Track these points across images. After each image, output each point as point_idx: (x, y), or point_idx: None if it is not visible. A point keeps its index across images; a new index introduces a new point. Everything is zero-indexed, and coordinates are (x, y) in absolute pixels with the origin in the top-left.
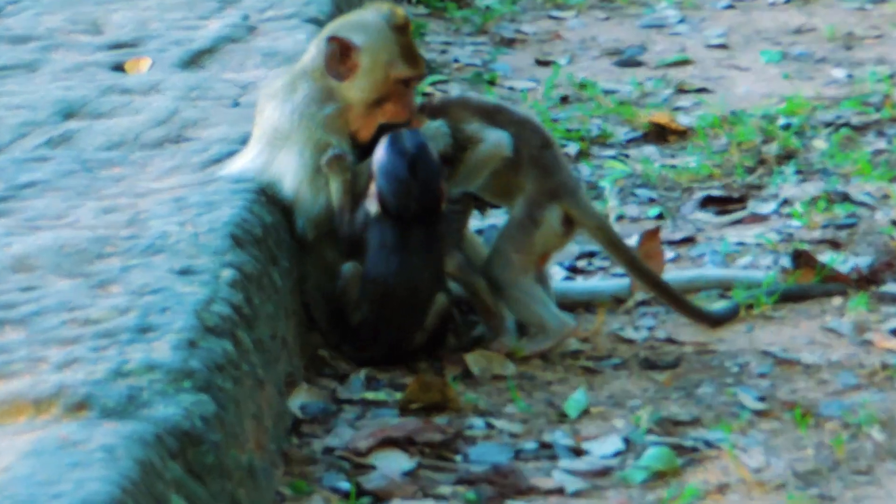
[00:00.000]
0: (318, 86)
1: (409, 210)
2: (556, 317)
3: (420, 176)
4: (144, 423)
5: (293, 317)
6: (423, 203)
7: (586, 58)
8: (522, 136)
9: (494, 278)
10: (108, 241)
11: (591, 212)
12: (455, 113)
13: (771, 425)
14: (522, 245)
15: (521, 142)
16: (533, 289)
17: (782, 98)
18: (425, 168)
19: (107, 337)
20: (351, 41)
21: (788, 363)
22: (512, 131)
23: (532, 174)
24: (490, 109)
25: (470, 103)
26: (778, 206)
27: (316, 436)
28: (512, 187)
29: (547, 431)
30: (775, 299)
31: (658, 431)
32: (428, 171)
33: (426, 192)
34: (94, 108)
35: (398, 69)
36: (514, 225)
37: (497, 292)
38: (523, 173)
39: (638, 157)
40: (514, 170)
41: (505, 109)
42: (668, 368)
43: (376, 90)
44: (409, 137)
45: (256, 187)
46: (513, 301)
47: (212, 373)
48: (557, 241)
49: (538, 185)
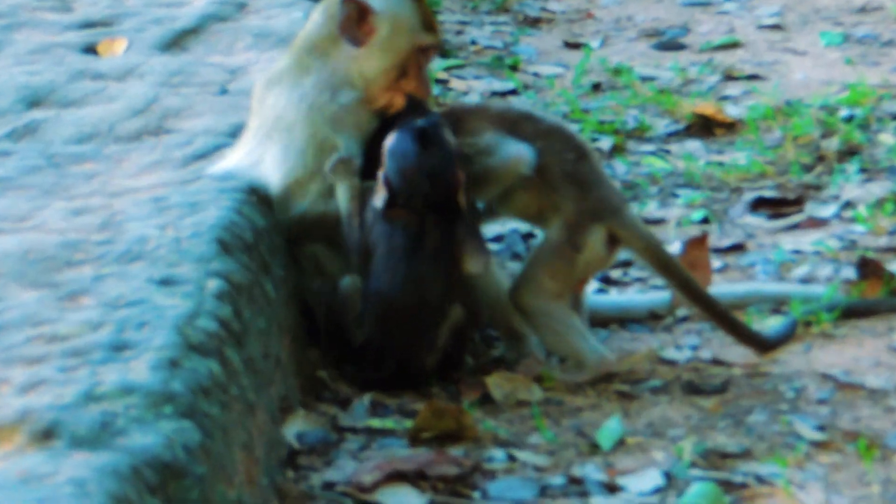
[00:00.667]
0: (330, 66)
1: (420, 197)
2: (594, 351)
3: (433, 158)
4: (119, 453)
5: (288, 333)
6: (436, 188)
7: (622, 40)
8: (553, 150)
9: (524, 306)
10: (79, 246)
11: (640, 230)
12: (470, 122)
13: (831, 458)
14: (559, 272)
15: (551, 156)
16: (568, 317)
17: (844, 86)
18: (439, 150)
19: (77, 356)
20: (368, 4)
21: (851, 388)
22: (540, 145)
23: (568, 192)
24: (512, 118)
25: (489, 111)
26: (839, 208)
27: (314, 468)
28: (545, 208)
29: (576, 465)
30: (836, 315)
31: (703, 465)
32: (441, 153)
33: (439, 176)
34: (62, 96)
35: (419, 36)
36: (551, 250)
37: (527, 320)
38: (558, 192)
39: (680, 152)
40: (546, 188)
41: (531, 118)
42: (715, 393)
43: (397, 59)
44: (422, 119)
45: (247, 186)
46: (545, 331)
47: (196, 396)
48: (600, 264)
49: (576, 204)
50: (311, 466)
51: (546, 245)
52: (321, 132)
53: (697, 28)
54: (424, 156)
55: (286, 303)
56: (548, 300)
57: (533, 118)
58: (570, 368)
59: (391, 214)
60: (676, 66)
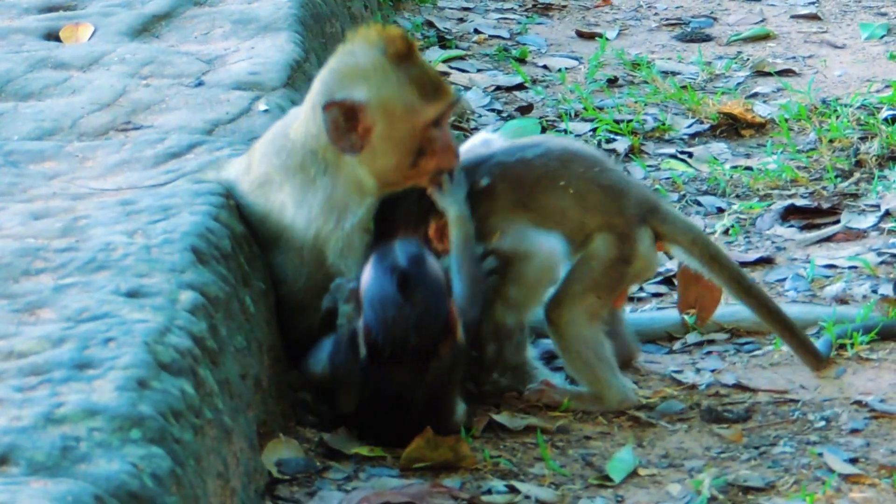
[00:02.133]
0: (335, 181)
1: (406, 351)
2: (619, 388)
3: (417, 306)
4: (82, 481)
5: (269, 351)
6: (425, 339)
7: (641, 30)
8: (577, 173)
9: (561, 326)
10: (38, 253)
11: (683, 223)
12: (486, 210)
13: (864, 494)
14: (605, 289)
15: (577, 180)
16: (602, 347)
17: (886, 83)
18: (423, 294)
19: (36, 374)
20: (352, 100)
21: (887, 416)
22: (562, 172)
23: (609, 207)
24: (525, 168)
25: (502, 176)
26: (878, 219)
27: (296, 500)
28: (581, 231)
29: (584, 498)
30: (872, 337)
31: (723, 500)
32: (427, 298)
33: (428, 326)
34: (20, 87)
35: (423, 111)
36: (600, 267)
37: (558, 340)
38: (596, 210)
39: (704, 155)
40: (581, 211)
41: (540, 148)
42: (737, 421)
43: (407, 146)
44: (401, 249)
45: (223, 189)
46: (574, 356)
47: (166, 420)
48: (649, 270)
49: (621, 215)
50: (293, 498)
51: (593, 263)
52: (328, 259)
53: (725, 17)
54: (408, 305)
55: (267, 319)
56: (586, 323)
57: (542, 147)
58: (586, 399)
59: (376, 369)
60: (701, 59)
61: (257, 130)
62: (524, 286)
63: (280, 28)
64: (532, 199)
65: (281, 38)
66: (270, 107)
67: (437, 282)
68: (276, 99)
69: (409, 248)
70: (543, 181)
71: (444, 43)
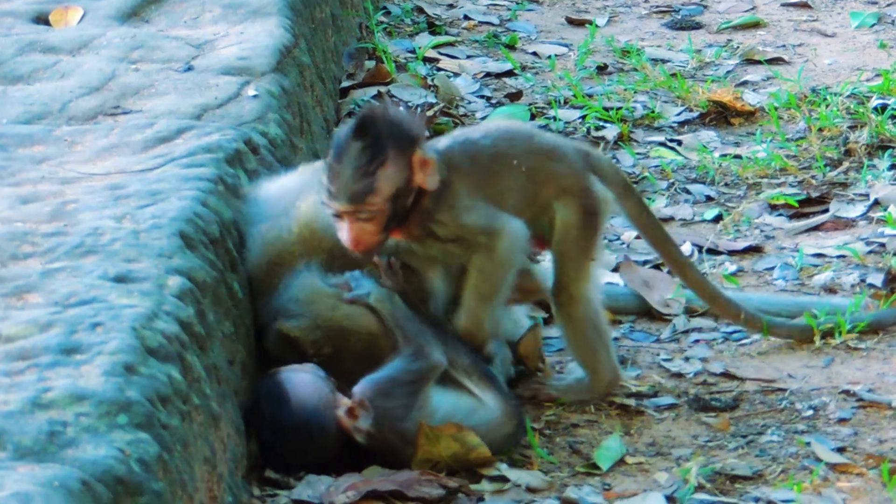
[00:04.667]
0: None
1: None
2: (612, 368)
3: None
4: (69, 466)
5: (257, 337)
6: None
7: (631, 17)
8: (518, 149)
9: (572, 309)
10: (26, 237)
11: (614, 168)
12: (450, 192)
13: (851, 484)
14: (591, 246)
15: (526, 155)
16: (605, 328)
17: (876, 72)
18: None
19: (23, 359)
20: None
21: (875, 406)
22: (503, 146)
23: (561, 171)
24: (483, 162)
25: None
26: (867, 208)
27: (283, 485)
28: (540, 205)
29: (571, 486)
30: (861, 327)
31: (710, 489)
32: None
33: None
34: (9, 71)
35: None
36: (574, 233)
37: (567, 316)
38: (551, 182)
39: (693, 143)
40: (535, 186)
41: (473, 137)
42: (725, 410)
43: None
44: (271, 380)
45: (213, 174)
46: (581, 339)
47: (153, 406)
48: (610, 205)
49: (575, 177)
50: (280, 483)
51: (570, 232)
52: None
53: (715, 5)
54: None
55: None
56: (594, 293)
57: (483, 129)
58: (577, 388)
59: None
60: (691, 47)
61: (246, 115)
62: (491, 271)
63: (269, 13)
64: (487, 183)
65: (270, 23)
66: (260, 92)
67: (310, 410)
68: (265, 84)
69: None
70: (496, 163)
71: (433, 29)
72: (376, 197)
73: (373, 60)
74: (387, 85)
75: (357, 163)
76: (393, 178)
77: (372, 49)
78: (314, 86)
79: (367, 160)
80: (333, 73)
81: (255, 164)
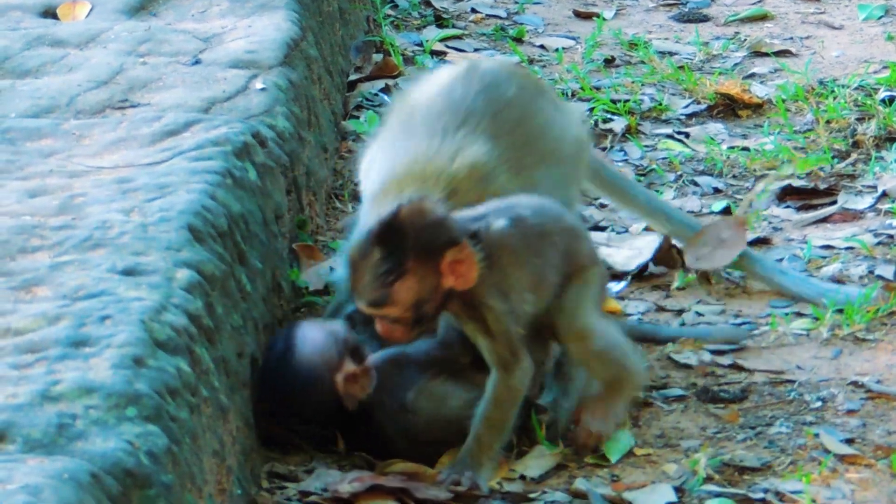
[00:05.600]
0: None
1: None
2: (639, 368)
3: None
4: (78, 459)
5: (266, 330)
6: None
7: (638, 10)
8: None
9: (587, 330)
10: (35, 231)
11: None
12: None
13: (860, 475)
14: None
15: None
16: (619, 332)
17: (884, 64)
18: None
19: (32, 352)
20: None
21: (884, 397)
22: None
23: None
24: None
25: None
26: (875, 200)
27: (292, 478)
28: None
29: (581, 477)
30: (870, 318)
31: (719, 480)
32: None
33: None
34: (17, 65)
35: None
36: (595, 286)
37: (584, 348)
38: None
39: (701, 136)
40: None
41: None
42: (733, 401)
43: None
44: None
45: (221, 168)
46: (597, 351)
47: (162, 398)
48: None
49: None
50: (289, 476)
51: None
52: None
53: None
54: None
55: (264, 298)
56: (600, 316)
57: (526, 209)
58: (614, 407)
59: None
60: (698, 39)
61: (254, 109)
62: (506, 399)
63: (277, 6)
64: (535, 263)
65: (278, 17)
66: (267, 85)
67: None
68: (272, 77)
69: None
70: (542, 241)
71: (441, 22)
72: (394, 308)
73: (380, 54)
74: (394, 78)
75: (374, 272)
76: (413, 289)
77: (379, 42)
78: (322, 79)
79: (384, 271)
80: (341, 67)
81: (263, 156)
